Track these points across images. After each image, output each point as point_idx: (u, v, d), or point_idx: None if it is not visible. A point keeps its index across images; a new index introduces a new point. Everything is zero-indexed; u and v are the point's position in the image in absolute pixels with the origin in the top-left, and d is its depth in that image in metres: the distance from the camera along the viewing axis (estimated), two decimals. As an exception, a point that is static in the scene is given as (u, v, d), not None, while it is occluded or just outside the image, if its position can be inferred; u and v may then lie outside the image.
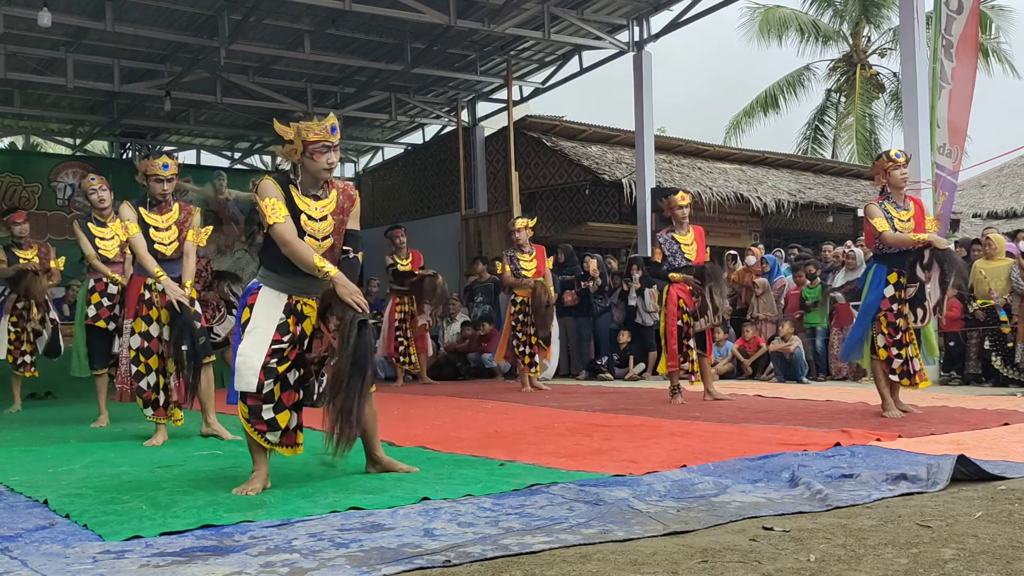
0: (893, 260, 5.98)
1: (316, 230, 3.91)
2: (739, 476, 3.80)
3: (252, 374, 3.76)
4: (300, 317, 3.92)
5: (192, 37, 12.26)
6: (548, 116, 16.21)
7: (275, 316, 3.86)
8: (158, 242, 5.63)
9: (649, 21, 13.16)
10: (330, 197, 3.98)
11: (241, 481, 3.89)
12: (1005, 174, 20.66)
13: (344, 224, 4.03)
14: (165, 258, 5.63)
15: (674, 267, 7.56)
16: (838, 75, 25.64)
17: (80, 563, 2.65)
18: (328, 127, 3.86)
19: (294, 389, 3.92)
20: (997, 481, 3.62)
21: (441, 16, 11.59)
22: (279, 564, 2.58)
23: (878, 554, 2.57)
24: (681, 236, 7.63)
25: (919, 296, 5.95)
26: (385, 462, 4.20)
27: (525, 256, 9.26)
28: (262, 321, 3.84)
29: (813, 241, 16.33)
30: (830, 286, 10.73)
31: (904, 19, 10.47)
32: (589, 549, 2.68)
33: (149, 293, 5.62)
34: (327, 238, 3.94)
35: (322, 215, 3.93)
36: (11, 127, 16.75)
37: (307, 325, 3.94)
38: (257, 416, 3.83)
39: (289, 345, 3.87)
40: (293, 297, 3.91)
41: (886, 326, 5.94)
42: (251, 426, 3.85)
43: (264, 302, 3.89)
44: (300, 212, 3.89)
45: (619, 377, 11.24)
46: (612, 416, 6.51)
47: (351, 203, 4.06)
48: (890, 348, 5.95)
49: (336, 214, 3.99)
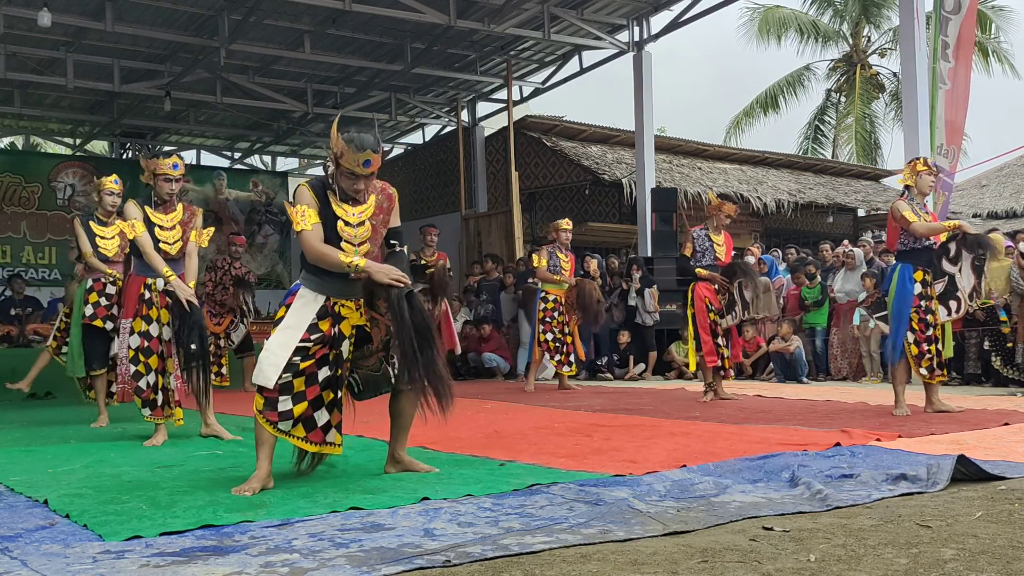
0: (918, 258, 6.05)
1: (352, 236, 3.90)
2: (739, 476, 3.80)
3: (274, 371, 3.78)
4: (337, 318, 3.92)
5: (192, 37, 12.26)
6: (548, 116, 16.21)
7: (307, 317, 3.87)
8: (163, 241, 5.61)
9: (649, 21, 13.17)
10: (369, 202, 3.98)
11: (241, 481, 3.89)
12: (1005, 174, 20.65)
13: (385, 225, 4.05)
14: (170, 257, 5.63)
15: (702, 264, 7.66)
16: (838, 75, 25.65)
17: (80, 563, 2.65)
18: (360, 161, 3.81)
19: (323, 387, 3.90)
20: (997, 481, 3.62)
21: (441, 16, 11.59)
22: (279, 564, 2.58)
23: (878, 554, 2.57)
24: (715, 236, 7.77)
25: (950, 289, 5.97)
26: (406, 462, 4.20)
27: (563, 256, 9.33)
28: (294, 322, 3.87)
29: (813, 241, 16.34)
30: (830, 286, 10.74)
31: (904, 19, 10.48)
32: (589, 549, 2.68)
33: (149, 293, 5.62)
34: (364, 243, 3.94)
35: (359, 220, 3.93)
36: (11, 127, 16.76)
37: (345, 327, 3.94)
38: (272, 407, 3.83)
39: (317, 344, 3.86)
40: (331, 299, 3.92)
41: (917, 323, 6.02)
42: (263, 417, 3.84)
43: (301, 303, 3.91)
44: (337, 218, 3.89)
45: (619, 377, 11.24)
46: (612, 416, 6.51)
47: (391, 202, 4.07)
48: (920, 344, 6.03)
49: (375, 217, 3.99)
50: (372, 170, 3.86)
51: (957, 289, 5.95)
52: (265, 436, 3.89)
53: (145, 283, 5.63)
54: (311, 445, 3.95)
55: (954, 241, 5.96)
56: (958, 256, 5.93)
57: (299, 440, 3.92)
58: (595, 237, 15.11)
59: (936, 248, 6.05)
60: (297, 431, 3.90)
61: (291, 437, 3.90)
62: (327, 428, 3.97)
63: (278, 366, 3.79)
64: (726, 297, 7.58)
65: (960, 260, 5.92)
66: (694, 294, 7.63)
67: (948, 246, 5.97)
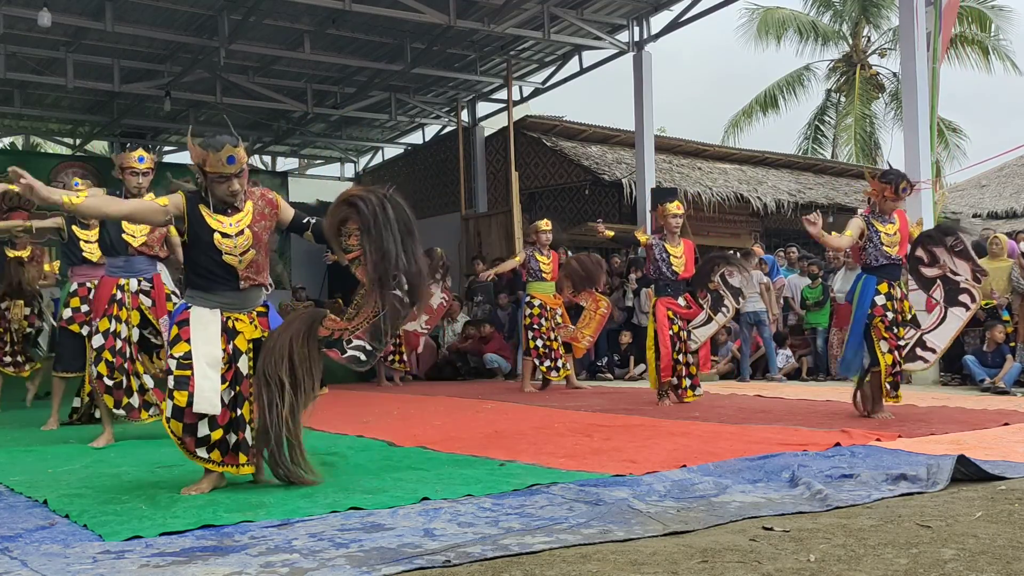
0: (881, 272, 5.95)
1: (233, 247, 3.82)
2: (739, 476, 3.80)
3: (215, 395, 3.69)
4: (232, 333, 3.84)
5: (192, 37, 12.26)
6: (548, 116, 16.19)
7: (215, 332, 3.78)
8: (128, 233, 5.59)
9: (649, 21, 13.16)
10: (245, 209, 3.90)
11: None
12: (1005, 174, 20.63)
13: (267, 230, 3.95)
14: (135, 250, 5.62)
15: (661, 276, 7.43)
16: (838, 75, 25.63)
17: (80, 563, 2.65)
18: (223, 159, 3.75)
19: (229, 408, 3.81)
20: (997, 481, 3.62)
21: (441, 16, 11.59)
22: (279, 564, 2.58)
23: (878, 554, 2.57)
24: (672, 247, 7.47)
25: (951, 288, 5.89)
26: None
27: (544, 258, 9.30)
28: (205, 337, 3.75)
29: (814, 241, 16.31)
30: (831, 287, 10.75)
31: (904, 19, 10.47)
32: (589, 549, 2.68)
33: (121, 293, 5.61)
34: (246, 252, 3.85)
35: (238, 230, 3.85)
36: (11, 127, 16.75)
37: (240, 342, 3.85)
38: (192, 433, 3.73)
39: (225, 365, 3.78)
40: (225, 314, 3.84)
41: (885, 330, 5.89)
42: (183, 445, 3.75)
43: (200, 320, 3.79)
44: (213, 231, 3.81)
45: (619, 377, 11.24)
46: (612, 416, 6.51)
47: (273, 207, 3.99)
48: (894, 352, 5.89)
49: (256, 223, 3.90)
50: (239, 165, 3.79)
51: (960, 283, 5.87)
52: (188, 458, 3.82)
53: (118, 284, 5.62)
54: (229, 468, 3.84)
55: (918, 246, 5.88)
56: (933, 257, 5.87)
57: (216, 465, 3.81)
58: (595, 237, 15.07)
59: (906, 262, 5.95)
60: (215, 455, 3.80)
61: (210, 463, 3.79)
62: (235, 449, 3.85)
63: (217, 391, 3.69)
64: (708, 298, 7.48)
65: (938, 259, 5.86)
66: (656, 308, 7.41)
67: (916, 254, 5.88)
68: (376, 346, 3.86)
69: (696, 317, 7.54)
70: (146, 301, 5.68)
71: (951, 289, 5.91)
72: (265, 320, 3.98)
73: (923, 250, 5.87)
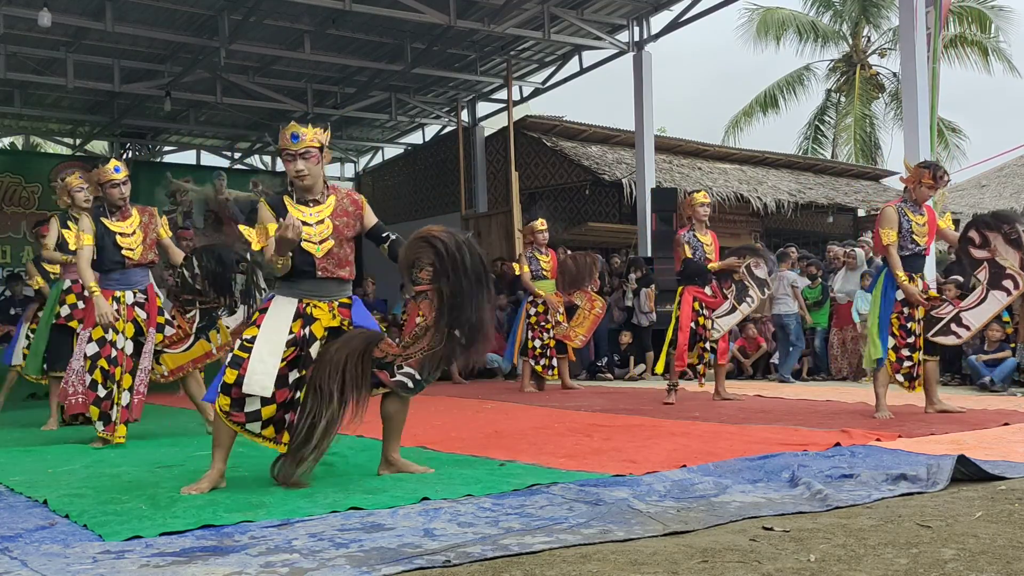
0: (905, 263, 5.98)
1: (311, 234, 3.99)
2: (739, 476, 3.80)
3: (268, 379, 3.81)
4: (308, 320, 3.97)
5: (192, 37, 12.26)
6: (548, 116, 16.19)
7: (286, 320, 3.93)
8: (125, 248, 5.58)
9: (649, 21, 13.17)
10: (327, 202, 4.08)
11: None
12: (1005, 174, 20.62)
13: (349, 227, 4.11)
14: (133, 263, 5.62)
15: (693, 266, 7.48)
16: (838, 75, 25.64)
17: (80, 563, 2.65)
18: (288, 136, 3.98)
19: (291, 389, 3.93)
20: (997, 481, 3.62)
21: (441, 16, 11.59)
22: (279, 564, 2.58)
23: (878, 554, 2.57)
24: (702, 236, 7.60)
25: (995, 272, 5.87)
26: (400, 464, 4.19)
27: (544, 257, 9.31)
28: (274, 325, 3.92)
29: (813, 241, 16.33)
30: (831, 287, 10.73)
31: (904, 19, 10.48)
32: (589, 549, 2.68)
33: (117, 305, 5.59)
34: (325, 240, 4.01)
35: (318, 219, 4.03)
36: (11, 127, 16.75)
37: (316, 328, 3.98)
38: (239, 408, 3.84)
39: (289, 347, 3.91)
40: (303, 300, 3.99)
41: (897, 328, 5.98)
42: (229, 418, 3.85)
43: (276, 308, 3.98)
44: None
45: (619, 377, 11.24)
46: (612, 416, 6.51)
47: (357, 206, 4.15)
48: (900, 350, 5.97)
49: (337, 217, 4.06)
50: (303, 144, 3.96)
51: (1006, 269, 5.87)
52: (223, 438, 3.92)
53: (113, 296, 5.60)
54: (279, 446, 3.95)
55: (972, 228, 5.91)
56: (985, 240, 5.87)
57: (268, 441, 3.94)
58: (595, 237, 15.09)
59: (960, 241, 5.98)
60: (268, 432, 3.92)
61: (260, 438, 3.92)
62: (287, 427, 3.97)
63: (271, 374, 3.81)
64: (732, 288, 7.51)
65: (990, 243, 5.86)
66: (682, 296, 7.49)
67: (968, 235, 5.91)
68: (426, 378, 4.01)
69: (720, 307, 7.60)
70: (141, 313, 5.68)
71: (996, 273, 5.90)
72: (347, 311, 4.07)
73: (976, 232, 5.89)
